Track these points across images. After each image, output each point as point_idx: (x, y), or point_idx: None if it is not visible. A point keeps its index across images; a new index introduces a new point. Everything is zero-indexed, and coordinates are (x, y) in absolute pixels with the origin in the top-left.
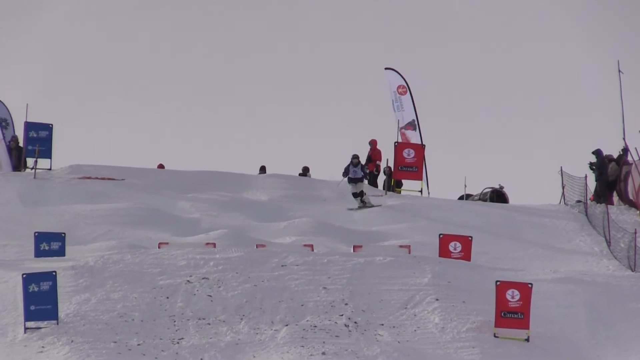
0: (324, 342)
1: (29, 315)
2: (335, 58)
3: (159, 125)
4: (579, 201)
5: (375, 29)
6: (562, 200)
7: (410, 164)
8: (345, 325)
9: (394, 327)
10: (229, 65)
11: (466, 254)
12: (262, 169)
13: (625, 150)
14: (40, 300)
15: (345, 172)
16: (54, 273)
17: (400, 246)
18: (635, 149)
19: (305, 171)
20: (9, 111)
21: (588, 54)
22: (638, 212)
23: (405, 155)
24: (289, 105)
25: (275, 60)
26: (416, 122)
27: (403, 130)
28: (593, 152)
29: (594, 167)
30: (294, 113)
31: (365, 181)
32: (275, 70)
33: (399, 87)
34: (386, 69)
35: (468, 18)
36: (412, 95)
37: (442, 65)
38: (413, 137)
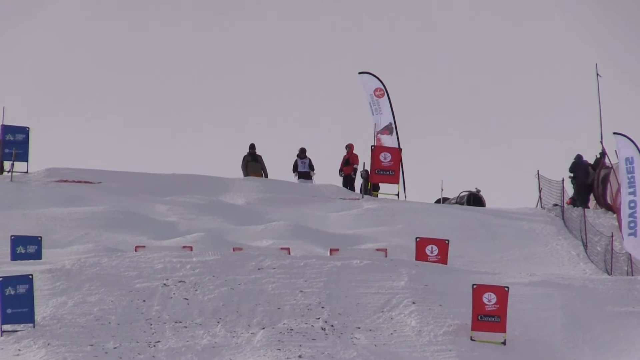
0: (300, 346)
1: (5, 319)
2: (312, 62)
3: (136, 128)
4: (555, 205)
5: (349, 32)
6: (539, 203)
7: (387, 167)
8: (322, 329)
9: (370, 330)
10: (206, 68)
11: (443, 258)
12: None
13: (603, 153)
14: (17, 304)
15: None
16: (30, 276)
17: (377, 249)
18: (615, 152)
19: (302, 152)
20: None
21: (566, 57)
22: (614, 215)
23: (382, 159)
24: (266, 110)
25: (251, 65)
26: (393, 125)
27: (379, 135)
28: (574, 159)
29: (572, 172)
30: (271, 118)
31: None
32: (252, 75)
33: (375, 90)
34: (360, 73)
35: (446, 21)
36: (390, 98)
37: (418, 68)
38: (388, 142)
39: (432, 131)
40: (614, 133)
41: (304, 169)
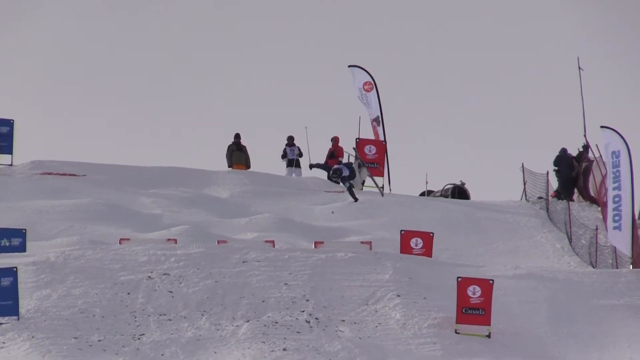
0: (285, 338)
1: None
2: (298, 55)
3: (121, 121)
4: (540, 197)
5: (337, 26)
6: (524, 196)
7: (371, 160)
8: (307, 322)
9: (355, 323)
10: (192, 59)
11: (427, 250)
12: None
13: (586, 147)
14: (1, 296)
15: (322, 167)
16: (14, 269)
17: (362, 242)
18: (597, 145)
19: (290, 140)
20: None
21: (548, 50)
22: (599, 208)
23: (366, 151)
24: (251, 102)
25: (238, 56)
26: (380, 119)
27: (374, 123)
28: (559, 152)
29: (557, 164)
30: (256, 110)
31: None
32: (237, 67)
33: (365, 83)
34: (349, 66)
35: (433, 17)
36: (378, 91)
37: (406, 62)
38: (380, 133)
39: (417, 124)
40: (602, 127)
41: (292, 156)
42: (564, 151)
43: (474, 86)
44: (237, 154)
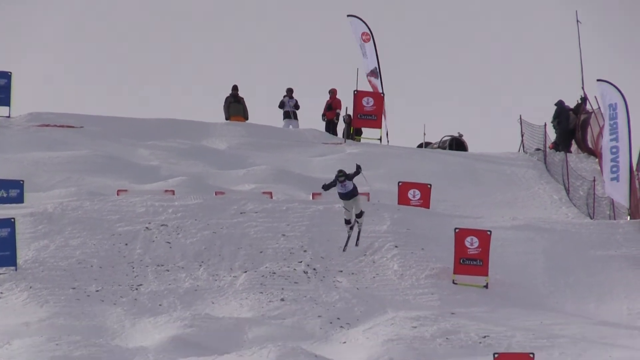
0: (282, 289)
1: None
2: (295, 6)
3: (119, 72)
4: (538, 149)
5: None
6: (522, 148)
7: (369, 112)
8: (304, 272)
9: (352, 273)
10: (191, 11)
11: (425, 202)
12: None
13: (584, 99)
14: None
15: (328, 187)
16: (12, 220)
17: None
18: (595, 97)
19: (289, 92)
20: None
21: (546, 3)
22: (597, 160)
23: (364, 103)
24: (250, 53)
25: (236, 7)
26: (378, 70)
27: (369, 78)
28: (555, 104)
29: (555, 117)
30: (254, 62)
31: (362, 176)
32: (235, 18)
33: (362, 34)
34: (348, 16)
35: None
36: (375, 42)
37: (403, 14)
38: (378, 85)
39: (415, 76)
40: (598, 80)
41: (290, 108)
42: (561, 103)
43: (472, 39)
44: (235, 106)
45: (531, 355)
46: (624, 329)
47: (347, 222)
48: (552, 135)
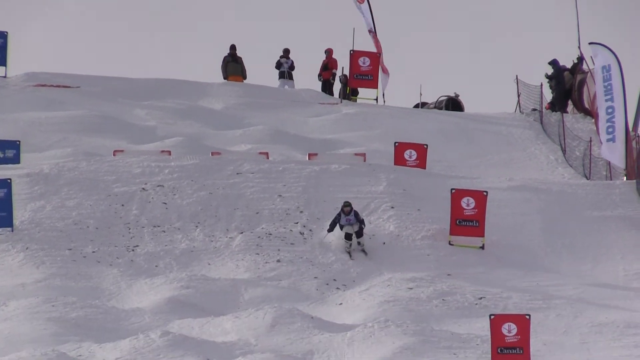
0: (279, 250)
1: None
2: None
3: (116, 32)
4: (534, 109)
5: None
6: (518, 108)
7: (365, 72)
8: (300, 233)
9: (349, 234)
10: None
11: (421, 162)
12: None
13: (581, 59)
14: None
15: (333, 225)
16: (8, 180)
17: (356, 154)
18: (591, 57)
19: (286, 52)
20: None
21: None
22: (593, 120)
23: (360, 63)
24: (245, 11)
25: None
26: (374, 31)
27: (370, 34)
28: (549, 63)
29: (550, 77)
30: (251, 21)
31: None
32: None
33: None
34: None
35: None
36: (370, 3)
37: None
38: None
39: (411, 36)
40: (590, 43)
41: (286, 69)
42: (555, 62)
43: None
44: (233, 65)
45: (527, 317)
46: (620, 290)
47: (348, 236)
48: (548, 95)
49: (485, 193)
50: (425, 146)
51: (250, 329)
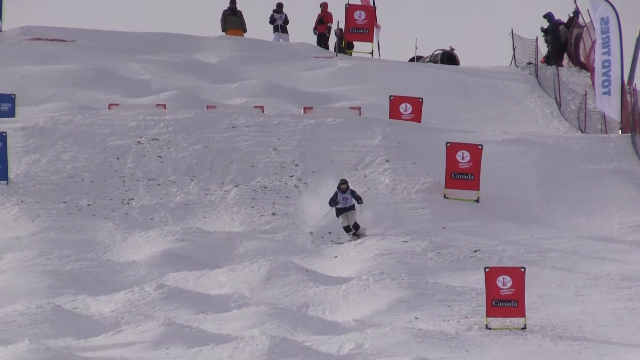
0: (274, 203)
1: None
2: None
3: None
4: (529, 63)
5: None
6: (513, 62)
7: (361, 25)
8: (296, 186)
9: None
10: None
11: (417, 116)
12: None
13: (577, 12)
14: None
15: (333, 202)
16: (4, 134)
17: (351, 108)
18: (587, 10)
19: (279, 7)
20: None
21: None
22: (588, 74)
23: (356, 17)
24: None
25: None
26: None
27: None
28: (544, 16)
29: (546, 31)
30: None
31: (359, 206)
32: None
33: None
34: None
35: None
36: None
37: None
38: None
39: None
40: None
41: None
42: (550, 16)
43: None
44: (232, 19)
45: (522, 270)
46: (615, 243)
47: (347, 229)
48: (543, 49)
49: (480, 146)
50: (420, 100)
51: (245, 282)
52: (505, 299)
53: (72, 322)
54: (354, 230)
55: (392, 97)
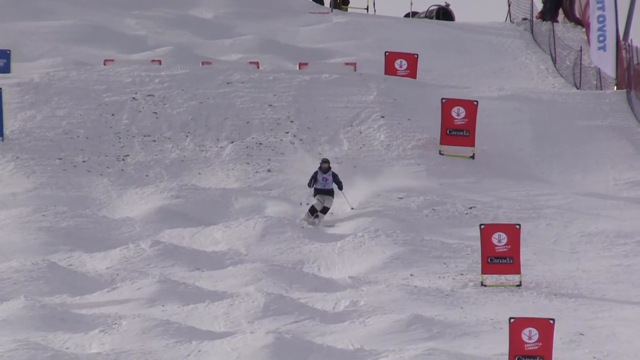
0: (269, 159)
1: None
2: None
3: None
4: (524, 19)
5: None
6: (508, 17)
7: None
8: (291, 143)
9: (339, 144)
10: None
11: (412, 72)
12: None
13: None
14: None
15: (312, 181)
16: None
17: (346, 64)
18: None
19: None
20: None
21: None
22: (584, 29)
23: None
24: None
25: None
26: None
27: None
28: None
29: None
30: None
31: (338, 192)
32: None
33: None
34: None
35: None
36: None
37: None
38: None
39: None
40: None
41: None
42: None
43: None
44: None
45: (517, 226)
46: (610, 199)
47: (313, 210)
48: (539, 4)
49: (475, 102)
50: (415, 55)
51: (241, 239)
52: (500, 256)
53: (68, 279)
54: (318, 214)
55: (387, 53)
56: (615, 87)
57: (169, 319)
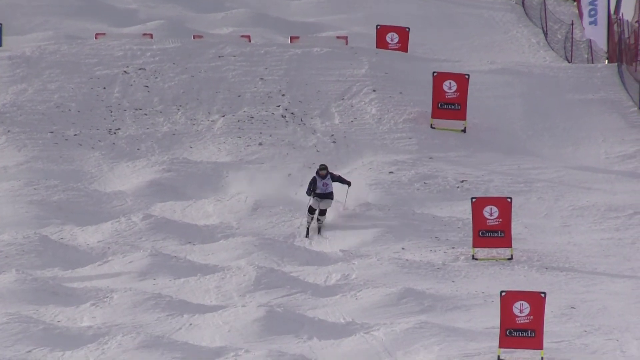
0: (260, 133)
1: None
2: None
3: None
4: None
5: None
6: None
7: None
8: (282, 116)
9: (330, 118)
10: None
11: (403, 45)
12: None
13: None
14: None
15: (311, 190)
16: None
17: (338, 37)
18: None
19: None
20: None
21: None
22: (575, 3)
23: None
24: None
25: None
26: None
27: None
28: None
29: None
30: None
31: (346, 189)
32: None
33: None
34: None
35: None
36: None
37: None
38: None
39: None
40: None
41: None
42: None
43: None
44: None
45: (509, 200)
46: (602, 173)
47: (311, 211)
48: None
49: (467, 76)
50: (407, 29)
51: (232, 212)
52: (491, 230)
53: (59, 253)
54: (317, 216)
55: (378, 27)
56: (607, 60)
57: (160, 293)
